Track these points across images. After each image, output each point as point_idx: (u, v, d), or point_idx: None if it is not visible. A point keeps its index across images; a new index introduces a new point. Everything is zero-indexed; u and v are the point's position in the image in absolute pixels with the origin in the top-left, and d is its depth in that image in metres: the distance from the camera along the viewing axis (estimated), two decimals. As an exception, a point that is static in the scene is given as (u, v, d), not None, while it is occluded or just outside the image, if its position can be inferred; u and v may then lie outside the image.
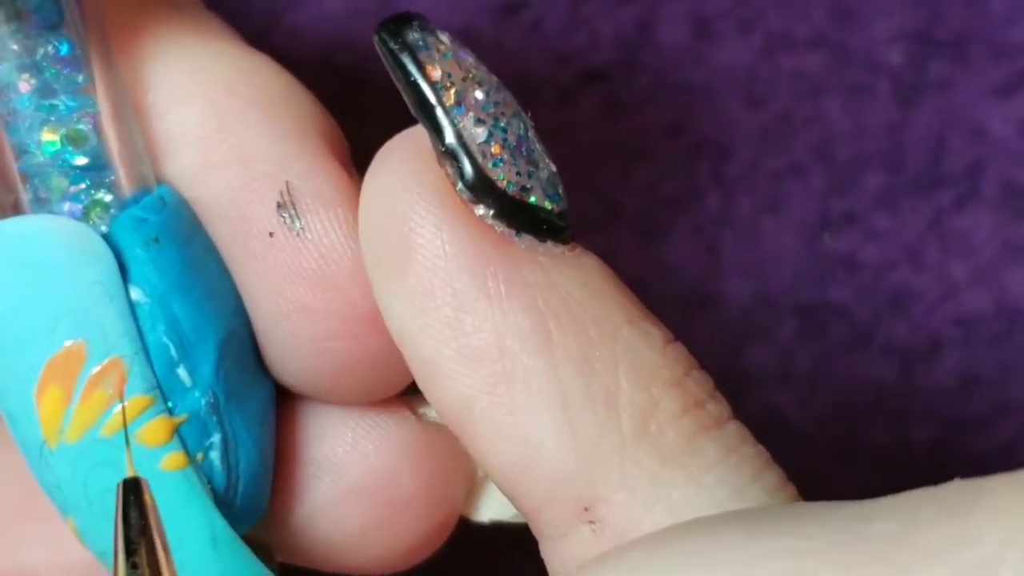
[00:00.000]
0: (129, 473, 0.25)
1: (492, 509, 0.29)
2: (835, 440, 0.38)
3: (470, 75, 0.26)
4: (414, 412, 0.29)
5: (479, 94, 0.26)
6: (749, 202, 0.38)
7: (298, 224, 0.27)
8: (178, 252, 0.26)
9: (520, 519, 0.27)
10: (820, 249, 0.38)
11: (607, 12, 0.37)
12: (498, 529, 0.29)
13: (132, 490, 0.24)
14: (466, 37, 0.37)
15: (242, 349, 0.27)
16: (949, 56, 0.38)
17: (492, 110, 0.26)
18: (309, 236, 0.27)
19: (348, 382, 0.27)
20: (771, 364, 0.38)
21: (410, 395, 0.28)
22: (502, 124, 0.26)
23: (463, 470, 0.29)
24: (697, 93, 0.38)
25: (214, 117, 0.27)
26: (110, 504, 0.25)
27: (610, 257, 0.38)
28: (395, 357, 0.26)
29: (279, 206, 0.27)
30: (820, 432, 0.38)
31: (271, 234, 0.27)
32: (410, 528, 0.28)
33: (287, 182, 0.27)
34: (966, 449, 0.38)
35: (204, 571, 0.26)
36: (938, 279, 0.38)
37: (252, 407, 0.27)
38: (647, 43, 0.38)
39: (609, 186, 0.37)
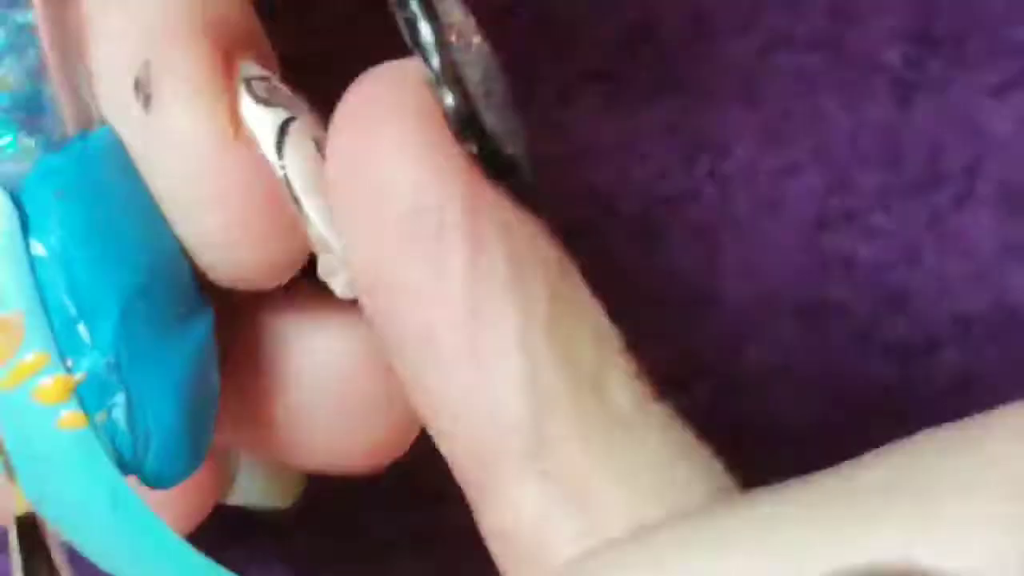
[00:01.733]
0: (17, 510, 0.24)
1: None
2: (833, 438, 0.38)
3: (469, 26, 0.26)
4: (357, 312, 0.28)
5: (476, 40, 0.25)
6: (747, 201, 0.38)
7: (149, 102, 0.26)
8: (87, 205, 0.25)
9: None
10: (818, 248, 0.38)
11: (606, 10, 0.37)
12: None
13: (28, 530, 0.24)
14: (465, 36, 0.37)
15: (159, 303, 0.26)
16: (947, 55, 0.38)
17: (486, 62, 0.25)
18: (159, 113, 0.26)
19: (236, 258, 0.27)
20: (769, 363, 0.38)
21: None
22: (493, 76, 0.25)
23: None
24: (695, 92, 0.38)
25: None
26: (17, 459, 0.25)
27: (608, 256, 0.38)
28: (277, 226, 0.26)
29: (136, 82, 0.26)
30: (818, 430, 0.38)
31: (129, 112, 0.26)
32: (374, 428, 0.28)
33: (147, 61, 0.26)
34: (964, 448, 0.38)
35: (104, 533, 0.26)
36: (936, 278, 0.38)
37: (170, 363, 0.26)
38: (646, 42, 0.38)
39: (607, 185, 0.38)
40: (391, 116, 0.24)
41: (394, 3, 0.25)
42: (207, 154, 0.26)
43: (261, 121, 0.27)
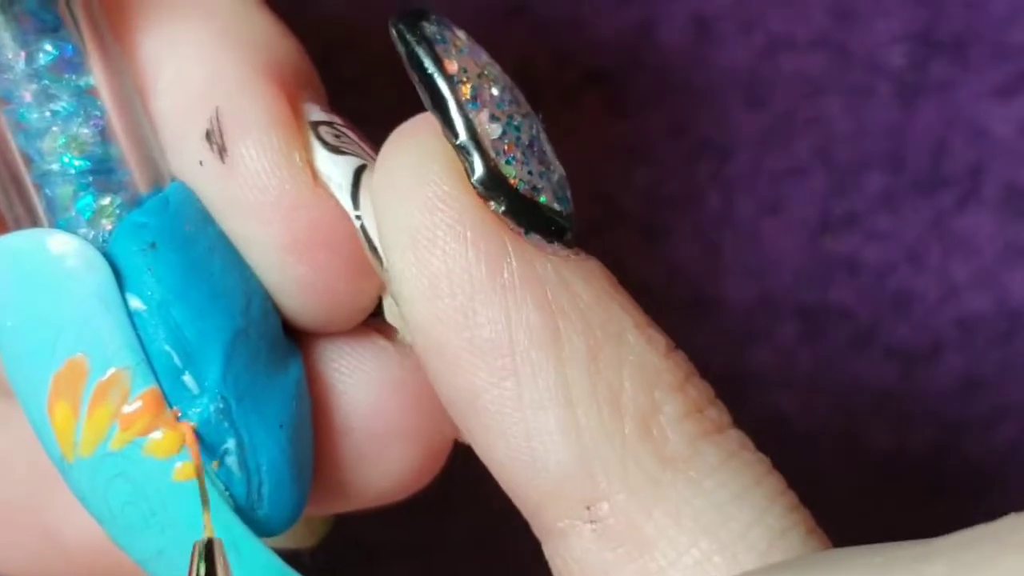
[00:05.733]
0: (206, 534, 0.25)
1: None
2: (836, 441, 0.38)
3: (485, 72, 0.26)
4: (389, 338, 0.28)
5: (495, 91, 0.26)
6: (750, 203, 0.38)
7: (224, 152, 0.26)
8: (177, 256, 0.26)
9: None
10: (821, 250, 0.38)
11: (608, 13, 0.37)
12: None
13: (205, 555, 0.24)
14: (467, 38, 0.37)
15: (256, 346, 0.27)
16: (950, 57, 0.38)
17: (507, 108, 0.26)
18: (234, 164, 0.26)
19: (315, 304, 0.27)
20: (772, 365, 0.38)
21: (381, 320, 0.28)
22: (515, 122, 0.26)
23: None
24: (698, 94, 0.38)
25: (169, 45, 0.27)
26: (131, 516, 0.25)
27: (611, 258, 0.38)
28: (354, 273, 0.27)
29: (207, 133, 0.26)
30: (821, 433, 0.38)
31: (200, 163, 0.26)
32: (404, 458, 0.28)
33: (216, 107, 0.26)
34: (967, 451, 0.38)
35: None
36: (939, 280, 0.38)
37: (272, 405, 0.26)
38: (648, 44, 0.38)
39: (610, 187, 0.38)
40: (419, 189, 0.25)
41: (408, 64, 0.26)
42: (288, 202, 0.26)
43: (334, 170, 0.27)
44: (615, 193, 0.37)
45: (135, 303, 0.26)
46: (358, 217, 0.27)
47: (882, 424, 0.38)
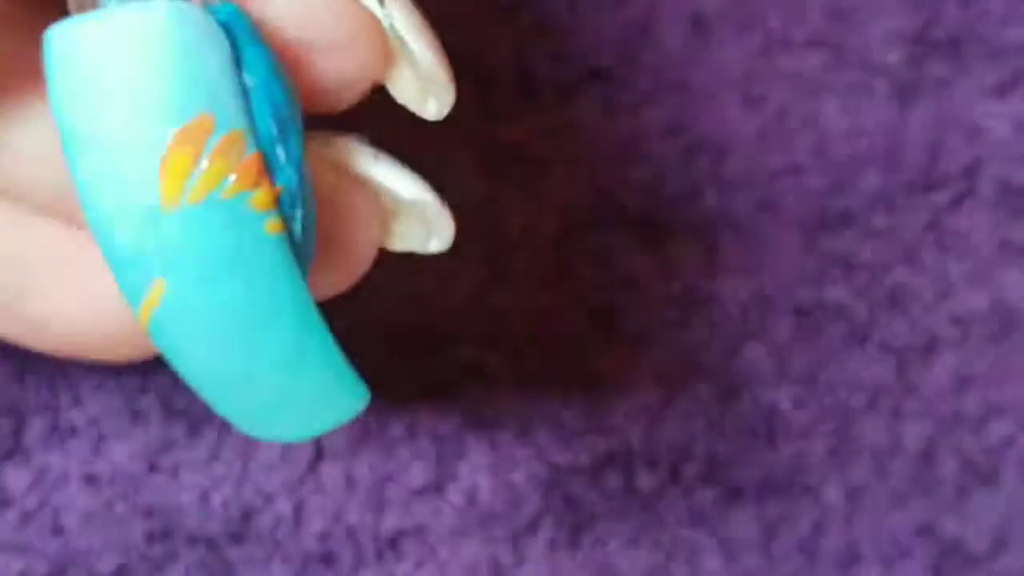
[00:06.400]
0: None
1: (404, 241, 0.32)
2: (830, 438, 0.38)
3: None
4: None
5: None
6: (746, 202, 0.38)
7: None
8: (267, 46, 0.29)
9: (429, 250, 0.31)
10: (817, 249, 0.38)
11: (606, 12, 0.37)
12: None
13: None
14: (466, 35, 0.38)
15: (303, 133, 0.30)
16: (946, 57, 0.38)
17: None
18: None
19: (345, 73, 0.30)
20: (767, 363, 0.38)
21: None
22: None
23: (378, 203, 0.31)
24: (695, 93, 0.38)
25: None
26: (217, 264, 0.28)
27: (608, 255, 0.38)
28: (376, 52, 0.29)
29: None
30: (816, 430, 0.38)
31: None
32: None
33: None
34: (961, 448, 0.38)
35: (288, 329, 0.28)
36: (935, 279, 0.38)
37: (310, 184, 0.29)
38: (646, 43, 0.38)
39: (607, 185, 0.38)
40: None
41: None
42: None
43: None
44: (612, 191, 0.38)
45: (247, 79, 0.28)
46: (387, 16, 0.29)
47: (876, 421, 0.38)
